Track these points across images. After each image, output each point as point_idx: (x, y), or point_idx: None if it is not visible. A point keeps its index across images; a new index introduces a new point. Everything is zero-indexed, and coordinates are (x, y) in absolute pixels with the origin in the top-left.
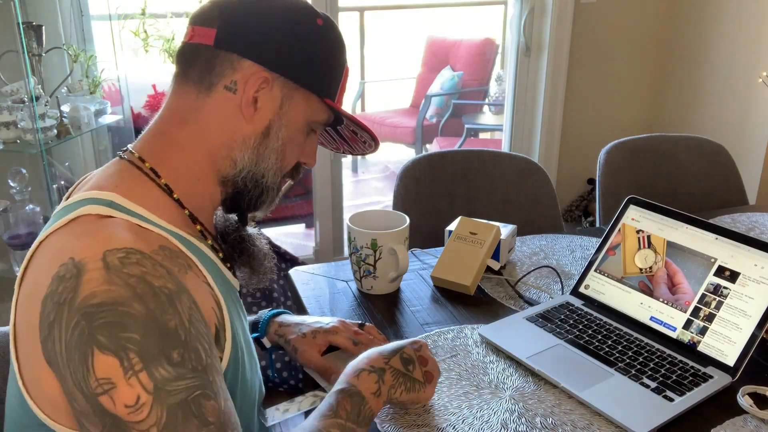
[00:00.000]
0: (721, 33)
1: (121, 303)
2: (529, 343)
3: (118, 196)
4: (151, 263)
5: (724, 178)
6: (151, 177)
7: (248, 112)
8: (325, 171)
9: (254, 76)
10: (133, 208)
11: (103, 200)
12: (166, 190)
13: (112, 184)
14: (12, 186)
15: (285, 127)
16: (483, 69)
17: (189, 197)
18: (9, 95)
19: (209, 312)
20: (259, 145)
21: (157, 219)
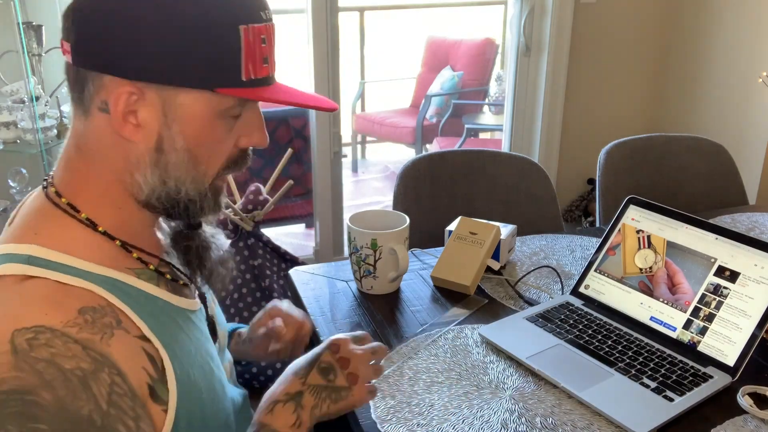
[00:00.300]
0: (721, 33)
1: (29, 391)
2: (529, 343)
3: (37, 247)
4: (63, 342)
5: (724, 178)
6: (71, 213)
7: (128, 131)
8: (325, 171)
9: (117, 92)
10: (54, 258)
11: (20, 256)
12: (89, 225)
13: (32, 230)
14: (12, 186)
15: (180, 134)
16: (483, 69)
17: (117, 227)
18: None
19: (138, 374)
20: (157, 162)
21: (84, 264)
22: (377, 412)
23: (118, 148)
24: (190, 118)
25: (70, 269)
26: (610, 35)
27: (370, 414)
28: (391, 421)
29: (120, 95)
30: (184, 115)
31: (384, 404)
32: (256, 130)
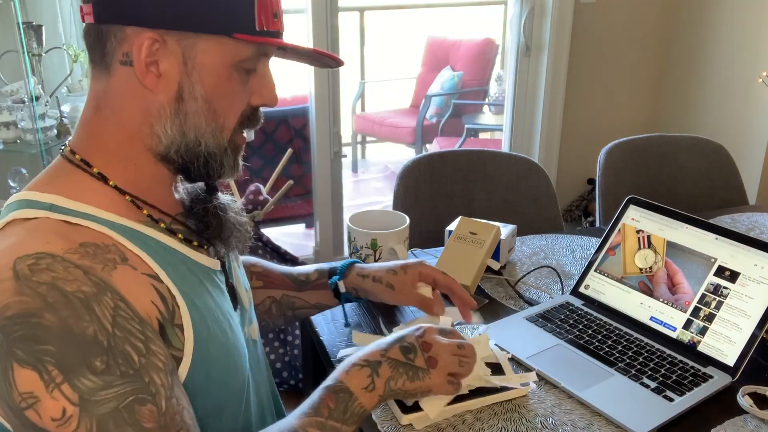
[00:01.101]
0: (721, 33)
1: (32, 314)
2: (529, 343)
3: (60, 197)
4: (63, 266)
5: (724, 178)
6: (83, 168)
7: (150, 81)
8: (325, 171)
9: (139, 40)
10: (74, 206)
11: (42, 203)
12: (100, 179)
13: (46, 182)
14: (12, 186)
15: (199, 82)
16: (483, 69)
17: (130, 182)
18: (9, 95)
19: (146, 306)
20: (177, 112)
21: (101, 212)
22: (377, 412)
23: (139, 101)
24: (209, 67)
25: (89, 216)
26: (610, 35)
27: (370, 414)
28: (391, 421)
29: (142, 43)
30: (204, 63)
31: (383, 403)
32: (266, 88)
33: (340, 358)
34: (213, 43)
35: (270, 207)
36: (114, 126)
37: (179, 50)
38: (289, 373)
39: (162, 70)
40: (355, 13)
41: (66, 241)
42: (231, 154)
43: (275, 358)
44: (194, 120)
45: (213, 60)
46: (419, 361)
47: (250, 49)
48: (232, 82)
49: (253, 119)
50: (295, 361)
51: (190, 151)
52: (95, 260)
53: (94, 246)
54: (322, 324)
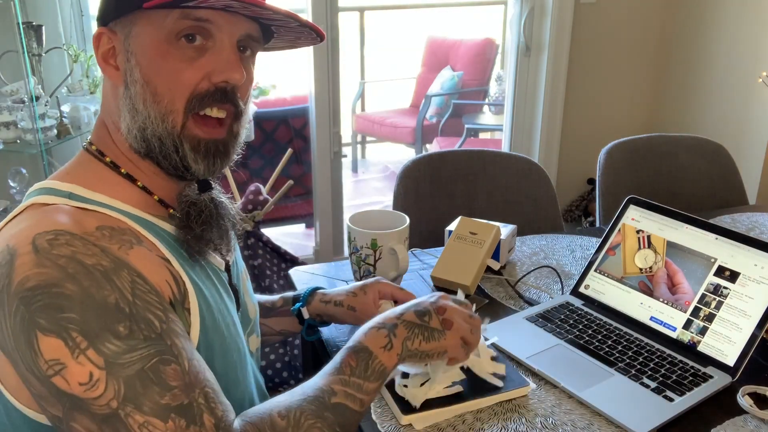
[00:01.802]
0: (721, 33)
1: (54, 284)
2: (529, 343)
3: (78, 187)
4: (82, 243)
5: (724, 178)
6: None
7: (110, 74)
8: (325, 171)
9: (95, 38)
10: (91, 196)
11: (62, 192)
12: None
13: (72, 174)
14: (12, 186)
15: (137, 66)
16: (483, 69)
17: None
18: (9, 95)
19: (161, 283)
20: (126, 98)
21: (116, 203)
22: (377, 412)
23: (114, 96)
24: (142, 47)
25: (105, 206)
26: (610, 35)
27: (370, 414)
28: (391, 421)
29: (97, 38)
30: (137, 45)
31: (384, 403)
32: (225, 62)
33: None
34: (144, 23)
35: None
36: (109, 122)
37: (121, 38)
38: (289, 373)
39: (118, 62)
40: (355, 13)
41: (82, 224)
42: (187, 142)
43: (275, 358)
44: (138, 104)
45: (145, 40)
46: (434, 322)
47: (173, 18)
48: (169, 58)
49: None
50: (295, 361)
51: (144, 139)
52: (112, 241)
53: (110, 229)
54: None
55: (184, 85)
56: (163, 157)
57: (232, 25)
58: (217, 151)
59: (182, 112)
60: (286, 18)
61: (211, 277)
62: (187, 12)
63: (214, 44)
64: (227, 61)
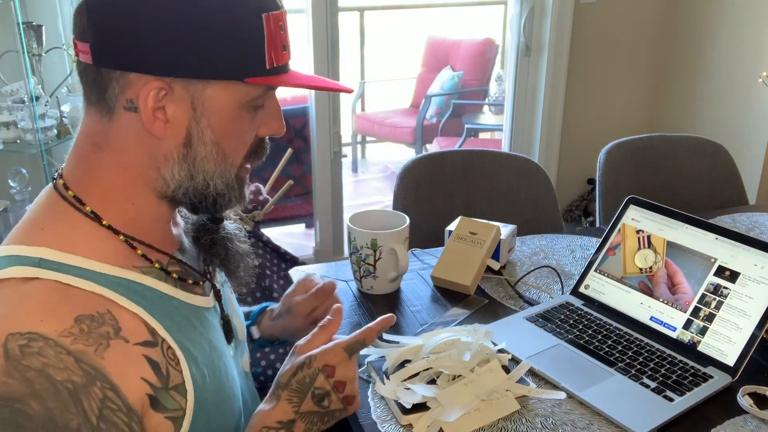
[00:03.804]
0: (721, 33)
1: (17, 399)
2: (529, 343)
3: (49, 250)
4: (56, 352)
5: (724, 178)
6: (76, 206)
7: (157, 129)
8: (325, 171)
9: (146, 89)
10: (65, 260)
11: (32, 258)
12: (94, 219)
13: (39, 227)
14: (12, 186)
15: (209, 127)
16: (483, 69)
17: (126, 222)
18: (9, 95)
19: (136, 386)
20: (186, 157)
21: (95, 265)
22: (377, 412)
23: (145, 146)
24: (218, 111)
25: (81, 271)
26: (610, 35)
27: (370, 414)
28: (391, 421)
29: (148, 92)
30: (212, 107)
31: (384, 404)
32: (274, 118)
33: None
34: (222, 87)
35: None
36: (116, 167)
37: (188, 96)
38: None
39: (169, 116)
40: (355, 13)
41: (60, 317)
42: (237, 188)
43: (275, 358)
44: (203, 164)
45: (222, 103)
46: (335, 404)
47: (260, 89)
48: (242, 122)
49: (260, 151)
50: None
51: (198, 192)
52: (89, 341)
53: (89, 319)
54: None
55: (246, 144)
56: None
57: None
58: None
59: (238, 166)
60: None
61: (197, 328)
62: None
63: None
64: (277, 116)
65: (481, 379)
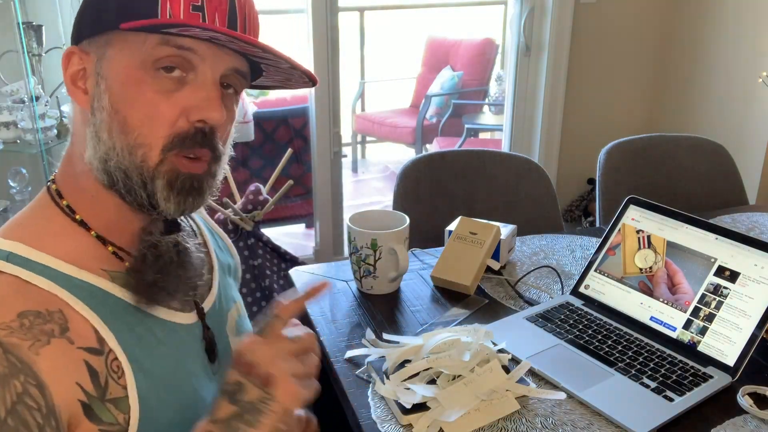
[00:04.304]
0: (721, 33)
1: None
2: (529, 343)
3: (20, 245)
4: None
5: (724, 178)
6: (56, 201)
7: (78, 98)
8: (325, 171)
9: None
10: (32, 256)
11: (2, 252)
12: (68, 214)
13: (19, 222)
14: (12, 186)
15: (106, 91)
16: (483, 69)
17: (95, 218)
18: (9, 95)
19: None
20: (90, 126)
21: (60, 264)
22: (377, 412)
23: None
24: (114, 73)
25: (45, 269)
26: (610, 35)
27: (370, 414)
28: (391, 421)
29: (66, 57)
30: (110, 69)
31: (384, 404)
32: (205, 99)
33: (347, 359)
34: (119, 46)
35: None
36: (76, 156)
37: (92, 60)
38: None
39: (87, 85)
40: (355, 13)
41: (4, 311)
42: (163, 178)
43: None
44: (102, 134)
45: (119, 64)
46: (250, 394)
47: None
48: (143, 88)
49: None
50: None
51: (106, 171)
52: (27, 335)
53: (35, 315)
54: (322, 324)
55: (159, 120)
56: (127, 192)
57: (217, 58)
58: (192, 188)
59: (159, 149)
60: (277, 59)
61: (164, 343)
62: (168, 38)
63: (195, 77)
64: (207, 99)
65: (481, 379)
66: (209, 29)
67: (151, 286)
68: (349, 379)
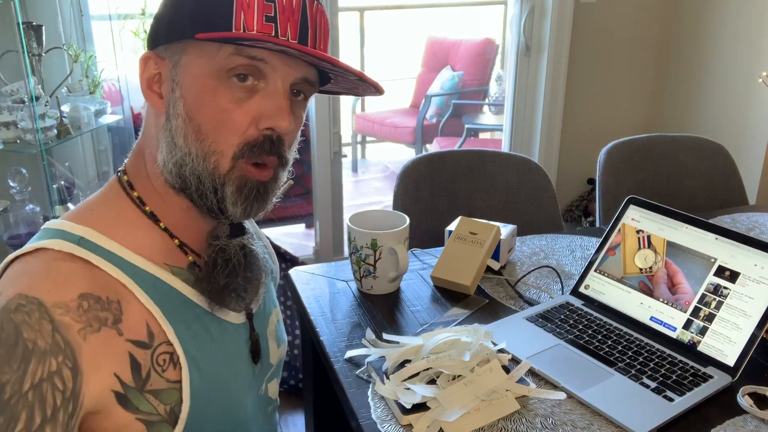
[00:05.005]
0: (721, 33)
1: None
2: (529, 343)
3: (91, 230)
4: (39, 315)
5: (724, 178)
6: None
7: (153, 102)
8: (325, 171)
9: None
10: (102, 243)
11: (73, 236)
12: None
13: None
14: (12, 186)
15: (181, 98)
16: (483, 69)
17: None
18: (9, 95)
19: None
20: (165, 131)
21: (128, 254)
22: (377, 412)
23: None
24: (189, 80)
25: (114, 257)
26: (610, 35)
27: (370, 414)
28: (391, 421)
29: (143, 62)
30: (185, 76)
31: (384, 404)
32: (276, 108)
33: (347, 359)
34: (194, 54)
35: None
36: (147, 151)
37: (167, 66)
38: (289, 373)
39: (163, 89)
40: (355, 13)
41: (66, 291)
42: (233, 185)
43: None
44: (178, 139)
45: (193, 71)
46: None
47: (225, 53)
48: (216, 96)
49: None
50: (295, 361)
51: (180, 175)
52: (80, 318)
53: (95, 299)
54: (322, 324)
55: (230, 127)
56: (199, 196)
57: (288, 68)
58: (258, 194)
59: (230, 156)
60: (345, 72)
61: (217, 340)
62: (241, 48)
63: (266, 86)
64: (278, 108)
65: (481, 379)
66: (280, 45)
67: (223, 289)
68: (349, 379)
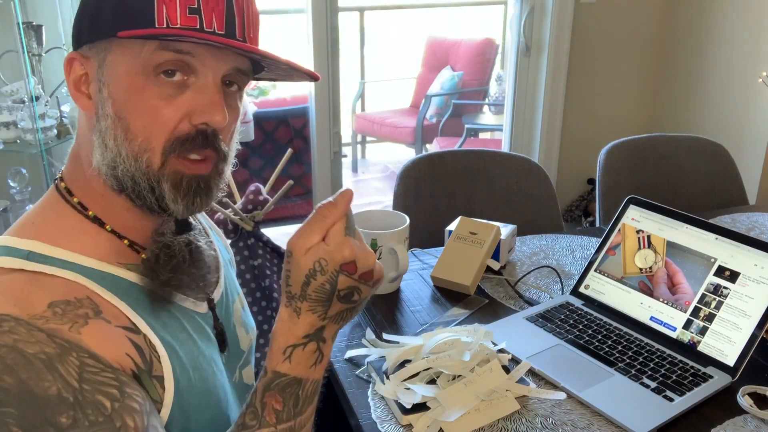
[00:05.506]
0: (721, 33)
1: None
2: (529, 343)
3: (38, 243)
4: (26, 329)
5: (724, 178)
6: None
7: (82, 103)
8: (325, 171)
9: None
10: (52, 253)
11: (21, 251)
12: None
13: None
14: (12, 186)
15: (109, 98)
16: (483, 69)
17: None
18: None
19: (119, 358)
20: (97, 132)
21: (81, 259)
22: (377, 412)
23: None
24: (116, 79)
25: (66, 264)
26: (610, 35)
27: (370, 414)
28: (391, 421)
29: (68, 63)
30: (111, 75)
31: (384, 404)
32: (208, 103)
33: (347, 359)
34: (119, 51)
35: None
36: (83, 154)
37: (93, 65)
38: None
39: (90, 90)
40: (355, 13)
41: (30, 304)
42: (167, 181)
43: None
44: (108, 141)
45: (119, 70)
46: (364, 293)
47: (150, 49)
48: (145, 93)
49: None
50: None
51: (115, 177)
52: (63, 320)
53: (64, 304)
54: None
55: (161, 124)
56: (137, 196)
57: (217, 60)
58: (199, 189)
59: (160, 152)
60: (276, 62)
61: (187, 329)
62: (166, 43)
63: (196, 80)
64: (210, 102)
65: (481, 379)
66: (204, 39)
67: (164, 285)
68: (349, 379)
